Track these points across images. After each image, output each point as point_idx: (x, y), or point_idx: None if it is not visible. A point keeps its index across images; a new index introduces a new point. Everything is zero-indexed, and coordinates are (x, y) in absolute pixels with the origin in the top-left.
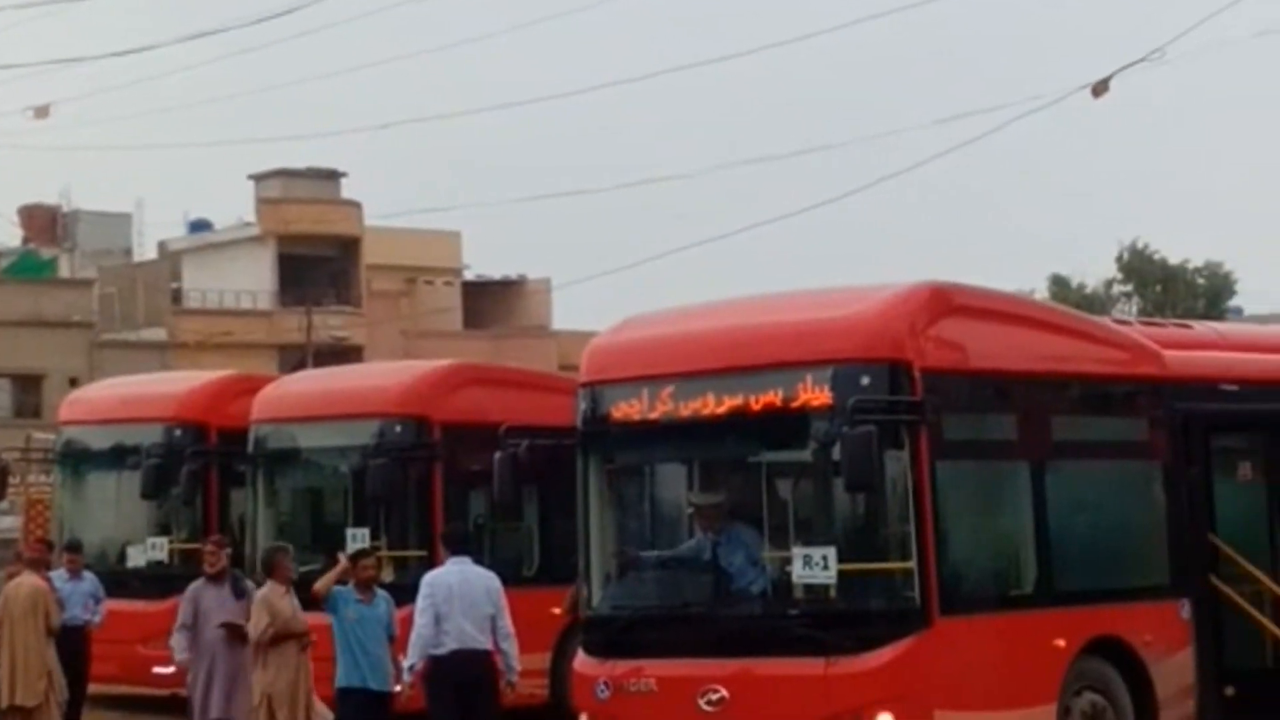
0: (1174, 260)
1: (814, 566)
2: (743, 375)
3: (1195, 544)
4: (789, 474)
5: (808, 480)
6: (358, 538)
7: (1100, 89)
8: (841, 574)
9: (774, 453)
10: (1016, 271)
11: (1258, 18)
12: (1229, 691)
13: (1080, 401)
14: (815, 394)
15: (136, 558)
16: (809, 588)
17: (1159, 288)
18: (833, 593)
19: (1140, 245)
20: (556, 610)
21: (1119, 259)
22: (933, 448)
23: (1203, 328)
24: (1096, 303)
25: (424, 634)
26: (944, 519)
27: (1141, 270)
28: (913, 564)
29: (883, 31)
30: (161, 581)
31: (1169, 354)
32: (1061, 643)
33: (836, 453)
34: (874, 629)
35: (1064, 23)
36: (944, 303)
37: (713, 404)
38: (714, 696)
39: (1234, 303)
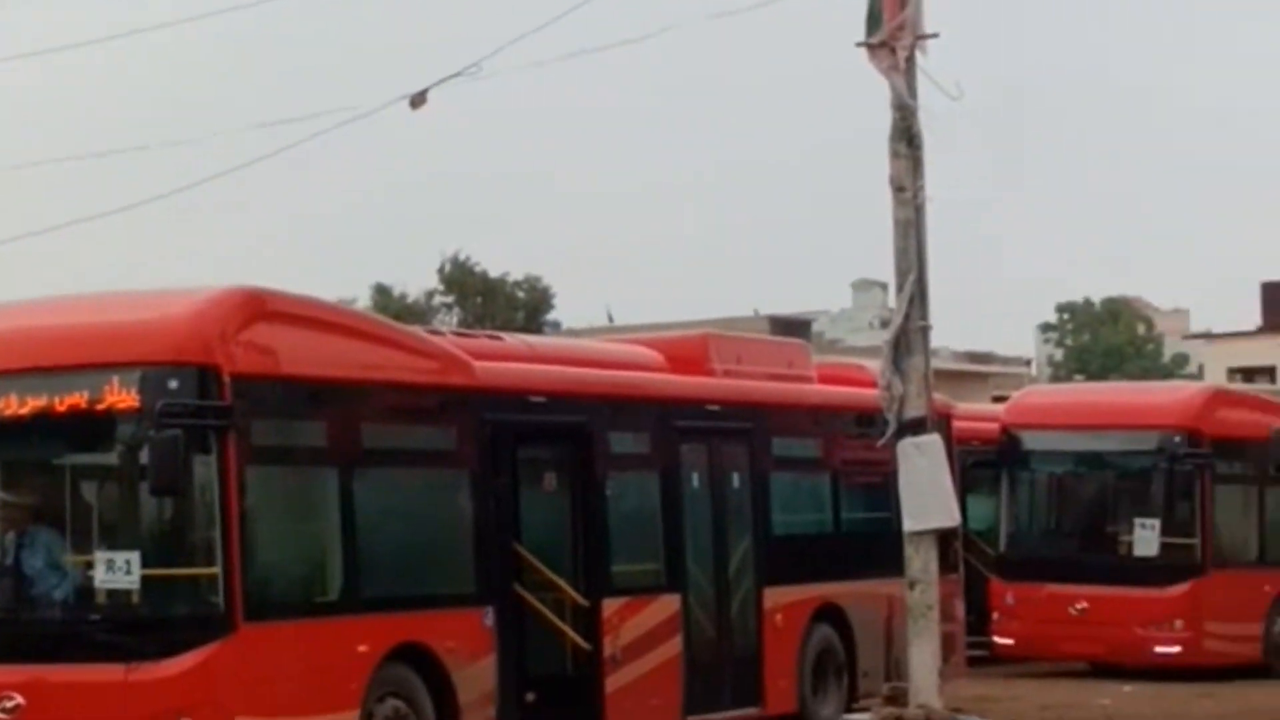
0: (495, 273)
1: (117, 571)
2: (51, 375)
3: (500, 553)
4: (95, 477)
5: (114, 484)
6: None
7: (418, 101)
8: (145, 579)
9: (79, 455)
10: (340, 280)
11: (569, 40)
12: (530, 697)
13: (391, 410)
14: (123, 396)
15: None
16: (111, 593)
17: (479, 300)
18: (136, 598)
19: (462, 257)
20: None
21: (440, 270)
22: (241, 453)
23: (514, 340)
24: (418, 313)
25: None
26: (252, 525)
27: (463, 282)
28: (217, 570)
29: (210, 31)
30: None
31: (479, 365)
32: (365, 649)
33: (143, 457)
34: (177, 635)
35: (384, 33)
36: (257, 308)
37: (17, 404)
38: (9, 704)
39: (552, 316)
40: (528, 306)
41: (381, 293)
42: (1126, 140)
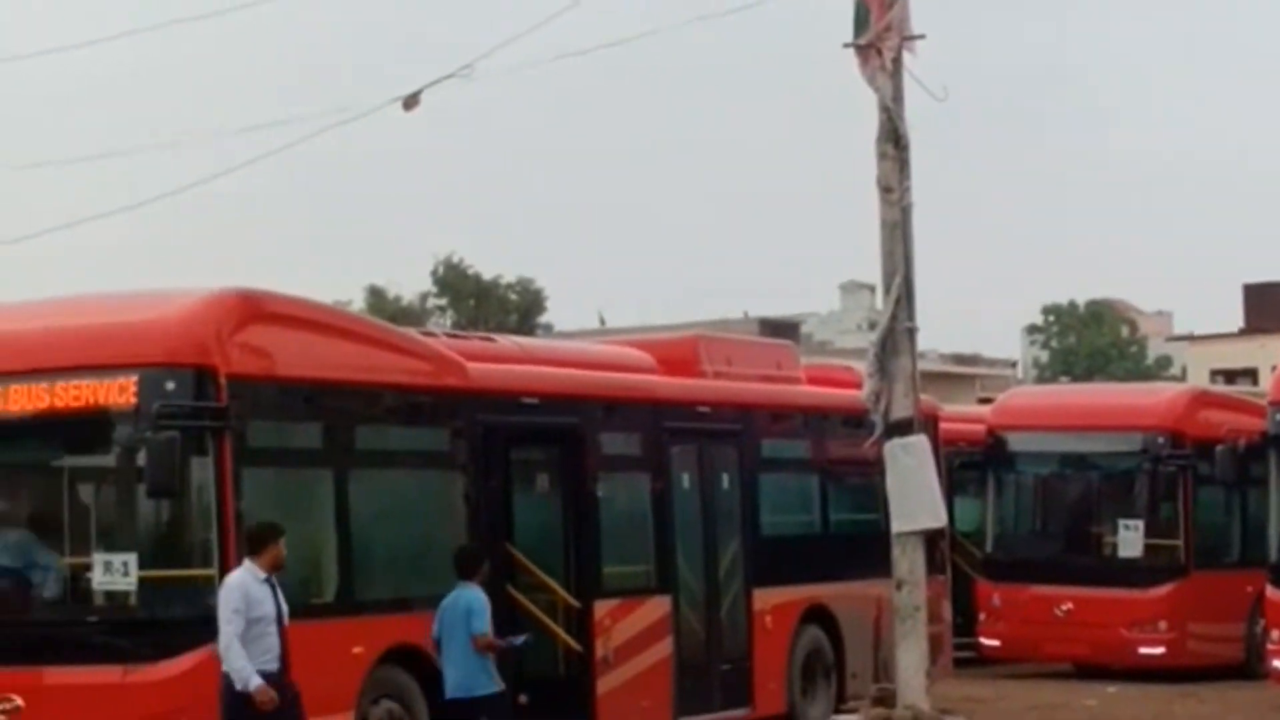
0: (488, 275)
1: (114, 573)
2: (48, 377)
3: (493, 554)
4: (92, 479)
5: (111, 485)
6: None
7: (411, 103)
8: (142, 581)
9: (77, 456)
10: (334, 282)
11: (558, 42)
12: (522, 699)
13: (386, 411)
14: (119, 398)
15: None
16: (109, 594)
17: (473, 302)
18: (133, 600)
19: (455, 259)
20: None
21: (434, 273)
22: (238, 455)
23: (506, 341)
24: (413, 315)
25: None
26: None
27: (456, 285)
28: (214, 571)
29: (191, 35)
30: None
31: (473, 367)
32: (359, 650)
33: (140, 458)
34: (174, 637)
35: (376, 35)
36: (253, 309)
37: (14, 405)
38: (8, 706)
39: (545, 318)
40: (520, 309)
41: (375, 295)
42: (1110, 142)
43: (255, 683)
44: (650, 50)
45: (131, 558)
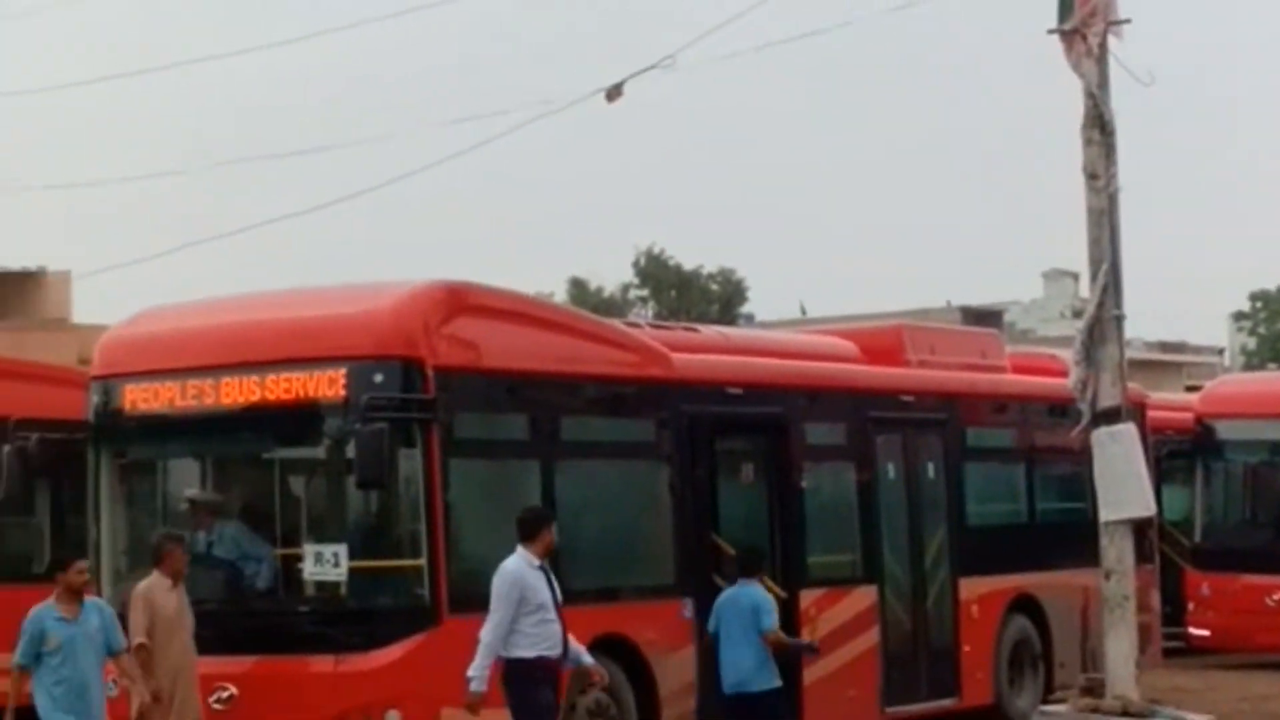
0: (689, 266)
1: (325, 564)
2: (258, 370)
3: (699, 544)
4: (302, 470)
5: (320, 477)
6: None
7: (614, 94)
8: (352, 571)
9: (287, 449)
10: (536, 274)
11: (760, 32)
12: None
13: (590, 402)
14: (329, 390)
15: None
16: (320, 585)
17: (674, 293)
18: (343, 590)
19: (656, 250)
20: None
21: (635, 264)
22: (445, 446)
23: (710, 331)
24: (614, 306)
25: None
26: (455, 518)
27: (657, 275)
28: (423, 562)
29: (393, 31)
30: None
31: (677, 357)
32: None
33: (349, 450)
34: (384, 627)
35: (579, 27)
36: (458, 301)
37: (226, 399)
38: (224, 694)
39: (746, 308)
40: (721, 299)
41: (577, 286)
42: None
43: (474, 686)
44: (850, 40)
45: (341, 548)
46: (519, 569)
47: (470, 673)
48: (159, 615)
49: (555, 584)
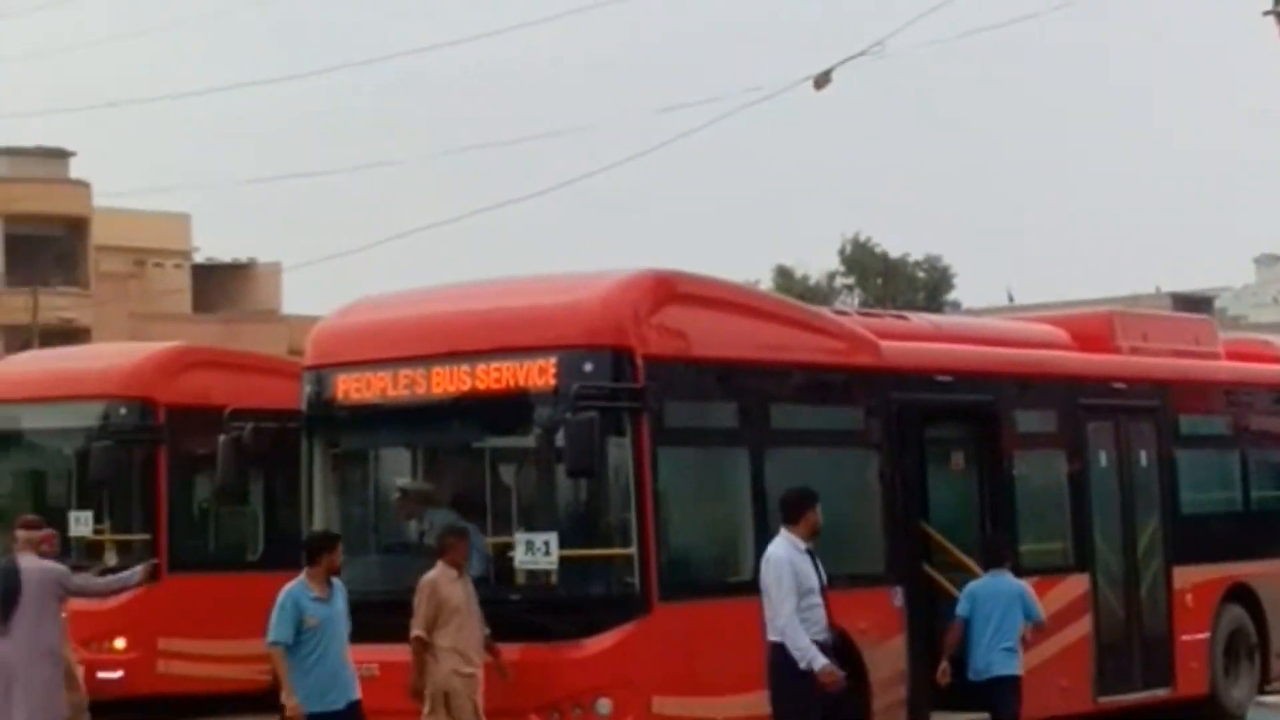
0: (895, 253)
1: (535, 552)
2: (467, 360)
3: (908, 532)
4: (512, 459)
5: (531, 466)
6: (81, 520)
7: (822, 81)
8: (563, 560)
9: (497, 438)
10: (742, 263)
11: (970, 17)
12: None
13: (799, 390)
14: (539, 380)
15: None
16: (531, 573)
17: (880, 280)
18: (554, 579)
19: (862, 238)
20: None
21: (841, 251)
22: (654, 434)
23: (918, 319)
24: (819, 294)
25: None
26: (665, 506)
27: (863, 263)
28: (633, 550)
29: (600, 21)
30: None
31: (885, 345)
32: None
33: (559, 439)
34: (594, 615)
35: (788, 14)
36: (667, 290)
37: (437, 388)
38: None
39: (952, 296)
40: (928, 286)
41: (783, 275)
42: None
43: (820, 662)
44: (1060, 22)
45: (552, 537)
46: (788, 553)
47: (804, 659)
48: (445, 606)
49: (821, 567)
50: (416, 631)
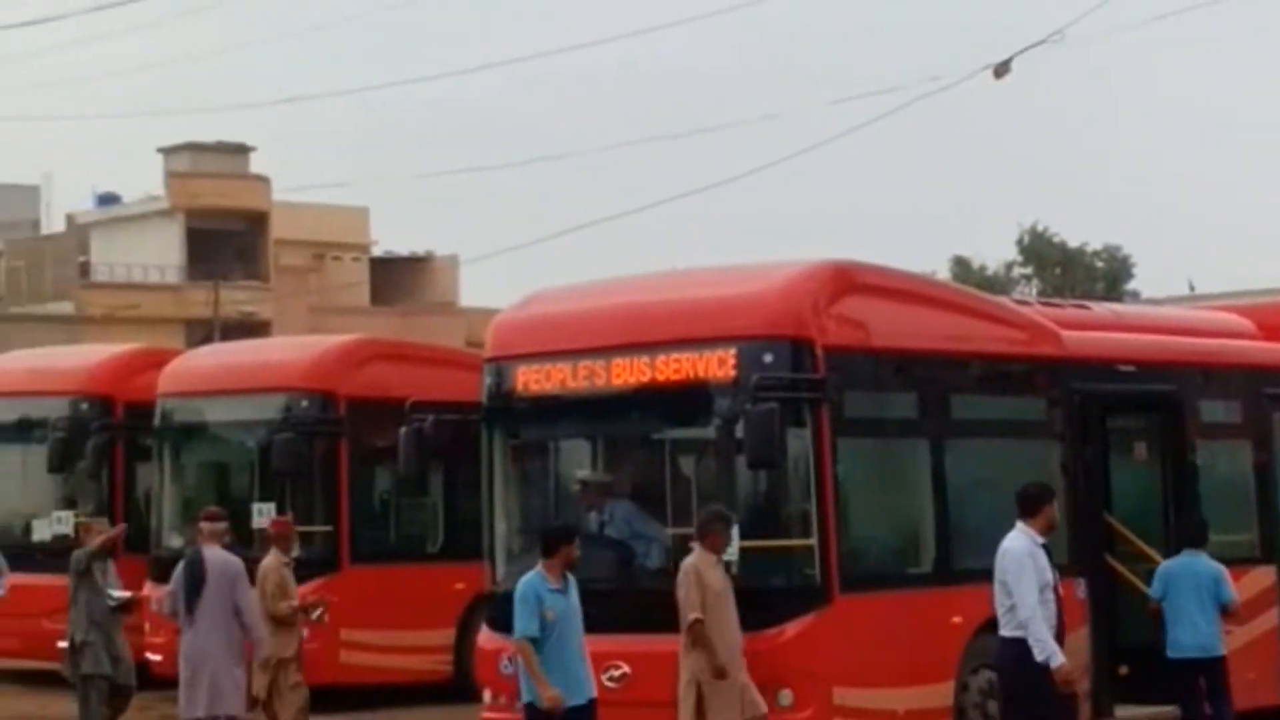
0: (1073, 243)
1: None
2: (646, 351)
3: (1091, 523)
4: (692, 450)
5: (710, 457)
6: (263, 512)
7: (1002, 70)
8: (743, 551)
9: (677, 429)
10: (918, 253)
11: (1151, 4)
12: (1123, 670)
13: (980, 380)
14: (719, 371)
15: (42, 531)
16: None
17: (1058, 270)
18: (735, 569)
19: (1040, 228)
20: (460, 585)
21: (1019, 241)
22: (834, 425)
23: (1101, 309)
24: (997, 284)
25: None
26: (845, 497)
27: (1041, 252)
28: (813, 541)
29: (775, 10)
30: (66, 555)
31: (1067, 334)
32: (959, 620)
33: (739, 430)
34: (775, 606)
35: (969, 3)
36: (846, 281)
37: (616, 380)
38: (616, 673)
39: (1132, 285)
40: (1107, 276)
41: (960, 265)
42: None
43: (1058, 660)
44: (1242, 7)
45: (733, 529)
46: (1027, 546)
47: (1044, 653)
48: (709, 590)
49: (1053, 564)
50: (695, 615)
